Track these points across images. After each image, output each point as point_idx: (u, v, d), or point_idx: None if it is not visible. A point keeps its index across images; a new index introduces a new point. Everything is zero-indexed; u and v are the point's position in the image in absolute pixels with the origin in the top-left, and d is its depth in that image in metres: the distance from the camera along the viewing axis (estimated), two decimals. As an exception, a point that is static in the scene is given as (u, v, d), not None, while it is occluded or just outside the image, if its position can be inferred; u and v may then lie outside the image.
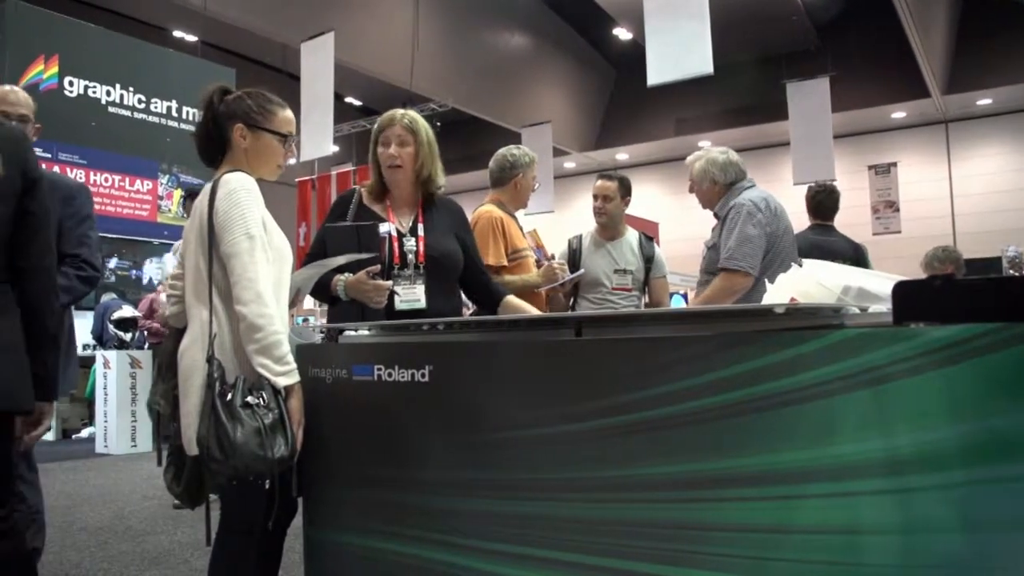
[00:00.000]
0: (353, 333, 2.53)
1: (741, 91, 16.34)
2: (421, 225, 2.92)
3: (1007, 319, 1.36)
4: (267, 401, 2.05)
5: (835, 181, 13.14)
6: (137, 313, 8.94)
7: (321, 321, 10.21)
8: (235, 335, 2.13)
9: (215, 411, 2.01)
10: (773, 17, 15.16)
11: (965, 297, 1.47)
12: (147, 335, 8.83)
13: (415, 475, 2.15)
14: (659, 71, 8.74)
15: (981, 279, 1.48)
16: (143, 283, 10.88)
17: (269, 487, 2.07)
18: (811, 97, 13.40)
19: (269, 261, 2.17)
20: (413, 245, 2.87)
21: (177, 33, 15.29)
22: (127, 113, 11.07)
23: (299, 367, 2.17)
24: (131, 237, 10.92)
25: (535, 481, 1.91)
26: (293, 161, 2.48)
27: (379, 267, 2.69)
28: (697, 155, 3.93)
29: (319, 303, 2.89)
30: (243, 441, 1.98)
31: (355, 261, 2.65)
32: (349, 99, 19.14)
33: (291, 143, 2.42)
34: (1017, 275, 7.46)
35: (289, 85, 12.97)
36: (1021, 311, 1.37)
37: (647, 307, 4.34)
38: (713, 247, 3.75)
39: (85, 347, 9.74)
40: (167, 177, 11.42)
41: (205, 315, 2.17)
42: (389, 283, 2.72)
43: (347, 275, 2.72)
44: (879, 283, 1.88)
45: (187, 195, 6.84)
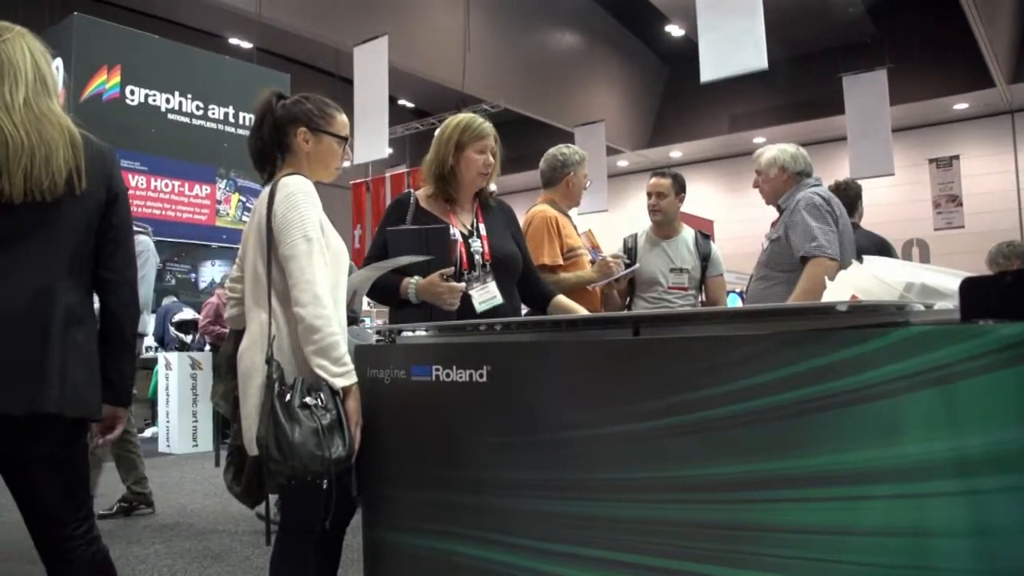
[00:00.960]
0: (410, 334, 2.54)
1: (796, 86, 16.11)
2: (482, 225, 2.96)
3: (1081, 315, 1.31)
4: (325, 402, 2.07)
5: (893, 175, 13.01)
6: (197, 316, 9.10)
7: (378, 322, 10.30)
8: (293, 337, 2.16)
9: (274, 412, 2.04)
10: (828, 9, 14.92)
11: (1036, 293, 1.43)
12: (212, 338, 9.00)
13: (473, 475, 2.15)
14: (712, 67, 8.66)
15: (1053, 274, 1.43)
16: (200, 286, 11.07)
17: (327, 487, 2.08)
18: (868, 90, 13.12)
19: (327, 263, 2.19)
20: (479, 246, 2.90)
21: (233, 40, 15.56)
22: (185, 120, 11.30)
23: (357, 368, 2.19)
24: (190, 241, 11.14)
25: (593, 481, 1.90)
26: (347, 164, 2.51)
27: (452, 269, 2.69)
28: (767, 147, 3.93)
29: (373, 305, 2.90)
30: (301, 441, 2.00)
31: (414, 264, 2.65)
32: (402, 101, 19.28)
33: (347, 146, 2.45)
34: (1087, 269, 7.20)
35: (342, 89, 13.12)
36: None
37: (704, 306, 4.29)
38: (776, 240, 3.70)
39: (147, 349, 9.96)
40: (225, 181, 11.63)
41: (264, 317, 2.20)
42: (463, 284, 2.72)
43: (416, 278, 2.72)
44: (944, 279, 1.83)
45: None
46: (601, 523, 1.87)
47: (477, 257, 2.87)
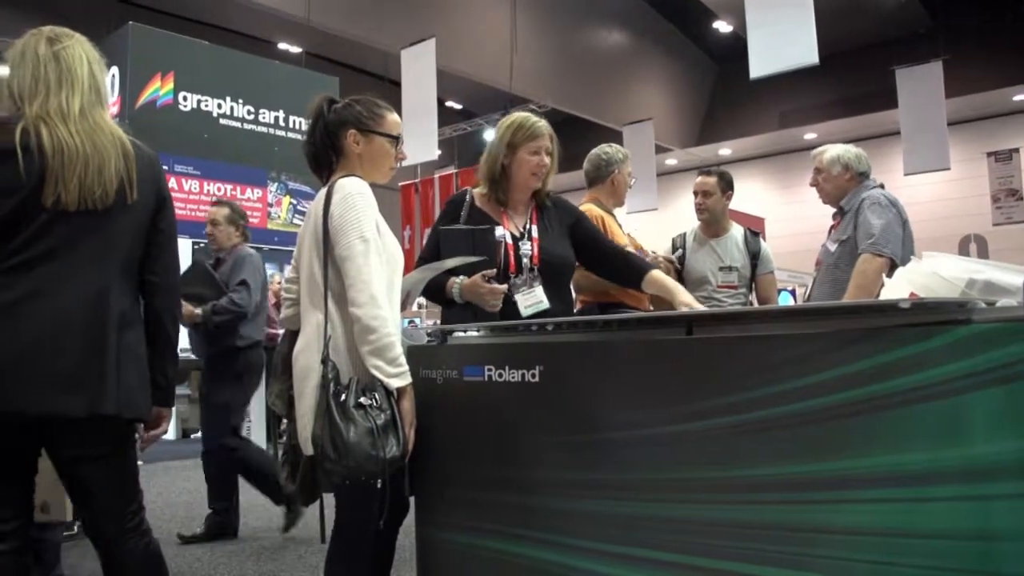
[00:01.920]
0: (462, 334, 2.55)
1: (847, 80, 15.82)
2: (535, 227, 2.93)
3: None
4: (380, 402, 2.09)
5: (949, 169, 12.73)
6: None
7: (428, 323, 10.35)
8: (349, 337, 2.18)
9: (329, 411, 2.06)
10: (880, 1, 14.64)
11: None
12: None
13: (525, 475, 2.15)
14: (762, 63, 8.55)
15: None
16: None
17: (381, 487, 2.10)
18: (923, 83, 12.84)
19: (383, 264, 2.21)
20: (528, 249, 2.87)
21: (282, 45, 15.77)
22: (237, 124, 11.44)
23: (411, 368, 2.20)
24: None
25: (646, 481, 1.89)
26: (404, 163, 2.53)
27: (495, 271, 2.69)
28: (827, 146, 3.89)
29: (426, 306, 2.91)
30: (356, 441, 2.02)
31: (467, 264, 2.66)
32: (449, 103, 19.36)
33: (401, 145, 2.47)
34: None
35: (391, 91, 13.21)
36: None
37: (755, 304, 4.24)
38: (845, 241, 3.66)
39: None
40: (276, 185, 11.76)
41: (320, 317, 2.22)
42: (504, 287, 2.70)
43: (462, 278, 2.73)
44: (1006, 275, 1.79)
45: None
46: (654, 524, 1.87)
47: (525, 261, 2.85)
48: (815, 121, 17.16)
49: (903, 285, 1.95)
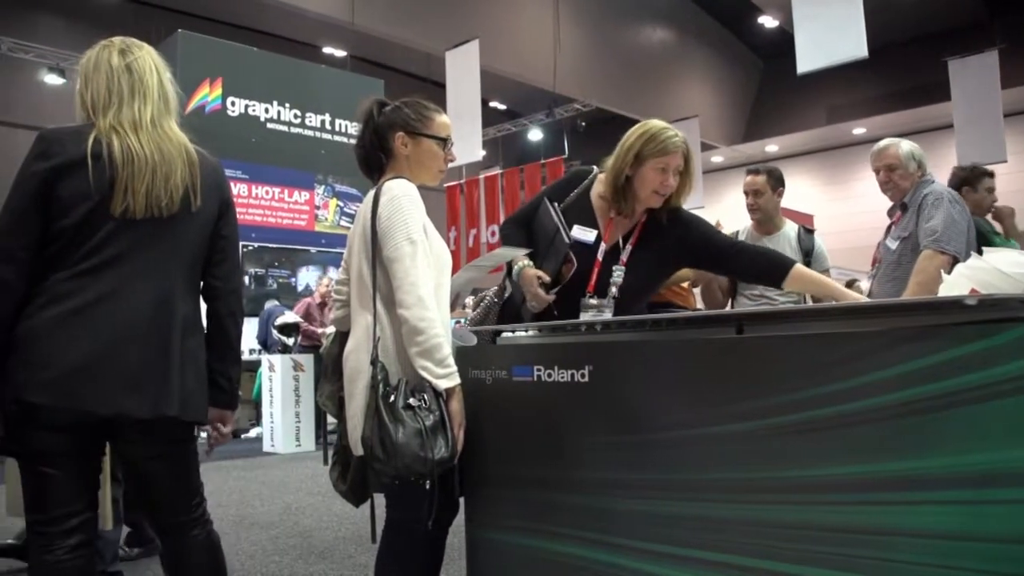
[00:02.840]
0: (510, 334, 2.54)
1: (897, 72, 15.58)
2: (631, 248, 2.69)
3: None
4: (428, 403, 2.09)
5: (1006, 162, 12.42)
6: (299, 319, 9.33)
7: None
8: (398, 338, 2.19)
9: (378, 413, 2.07)
10: (931, -8, 14.37)
11: None
12: (303, 338, 9.23)
13: (575, 475, 2.14)
14: (810, 58, 8.45)
15: None
16: (298, 290, 11.35)
17: (430, 487, 2.11)
18: (977, 74, 12.53)
19: (430, 266, 2.22)
20: (619, 278, 2.63)
21: (327, 49, 15.94)
22: (284, 128, 11.60)
23: (459, 369, 2.20)
24: (290, 246, 11.43)
25: (696, 482, 1.87)
26: (453, 164, 2.53)
27: (549, 279, 2.66)
28: (893, 140, 3.82)
29: (474, 307, 2.88)
30: (404, 442, 2.03)
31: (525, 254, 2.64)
32: (493, 103, 19.40)
33: (450, 146, 2.47)
34: None
35: (435, 93, 13.27)
36: None
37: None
38: (907, 238, 3.59)
39: (251, 351, 10.26)
40: (323, 187, 11.90)
41: (369, 319, 2.23)
42: (551, 297, 2.63)
43: (528, 262, 2.67)
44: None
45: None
46: (705, 524, 1.85)
47: (613, 290, 2.62)
48: (864, 115, 16.91)
49: (963, 282, 1.90)
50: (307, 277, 11.53)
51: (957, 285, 1.91)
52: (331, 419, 4.32)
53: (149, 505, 2.22)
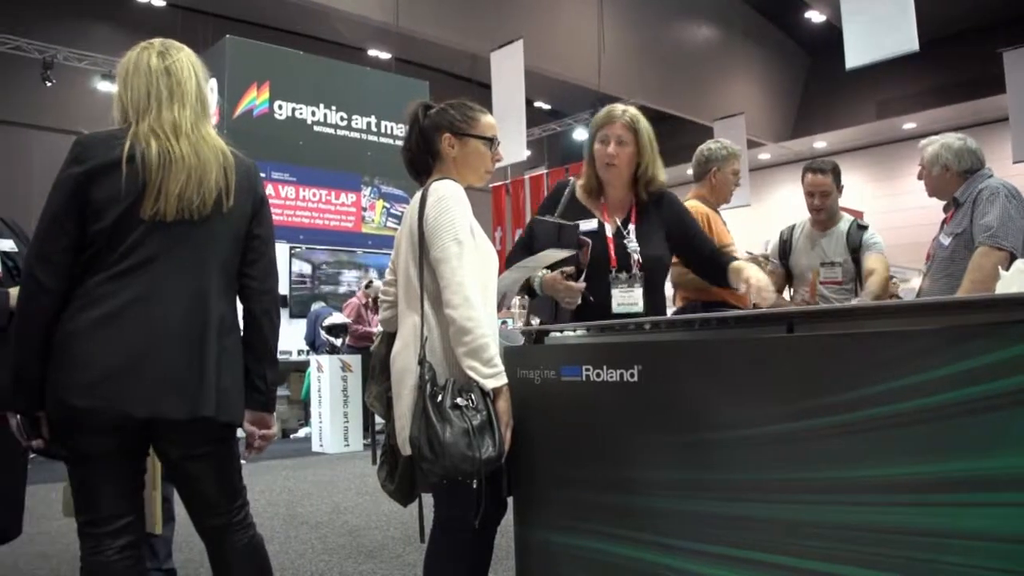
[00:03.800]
0: (559, 334, 2.53)
1: (949, 65, 15.23)
2: (634, 226, 2.83)
3: None
4: (476, 402, 2.10)
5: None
6: (347, 320, 9.41)
7: (519, 324, 10.37)
8: (445, 338, 2.20)
9: (426, 412, 2.08)
10: (984, -18, 14.06)
11: None
12: (352, 339, 9.31)
13: (624, 475, 2.13)
14: (859, 52, 8.32)
15: None
16: (342, 291, 11.46)
17: (477, 486, 2.11)
18: (1034, 65, 12.25)
19: (477, 266, 2.22)
20: (636, 250, 2.77)
21: (372, 52, 16.07)
22: (331, 131, 11.71)
23: (507, 368, 2.20)
24: (338, 247, 11.54)
25: (748, 482, 1.85)
26: (499, 164, 2.53)
27: (573, 269, 2.67)
28: (932, 139, 3.71)
29: (521, 306, 2.90)
30: (452, 441, 2.03)
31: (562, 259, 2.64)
32: (538, 103, 19.40)
33: (496, 146, 2.47)
34: None
35: (479, 93, 13.31)
36: None
37: (864, 285, 4.02)
38: (960, 234, 3.49)
39: (299, 352, 10.38)
40: (369, 189, 12.00)
41: (416, 320, 2.24)
42: (582, 285, 2.67)
43: (544, 271, 2.72)
44: None
45: None
46: (756, 525, 1.83)
47: (636, 257, 2.76)
48: (915, 110, 16.58)
49: (1021, 278, 1.86)
50: (354, 278, 11.65)
51: (1015, 282, 1.87)
52: (379, 419, 4.34)
53: (193, 506, 2.23)
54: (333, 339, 9.45)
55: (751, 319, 2.26)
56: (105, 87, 13.68)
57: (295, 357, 10.41)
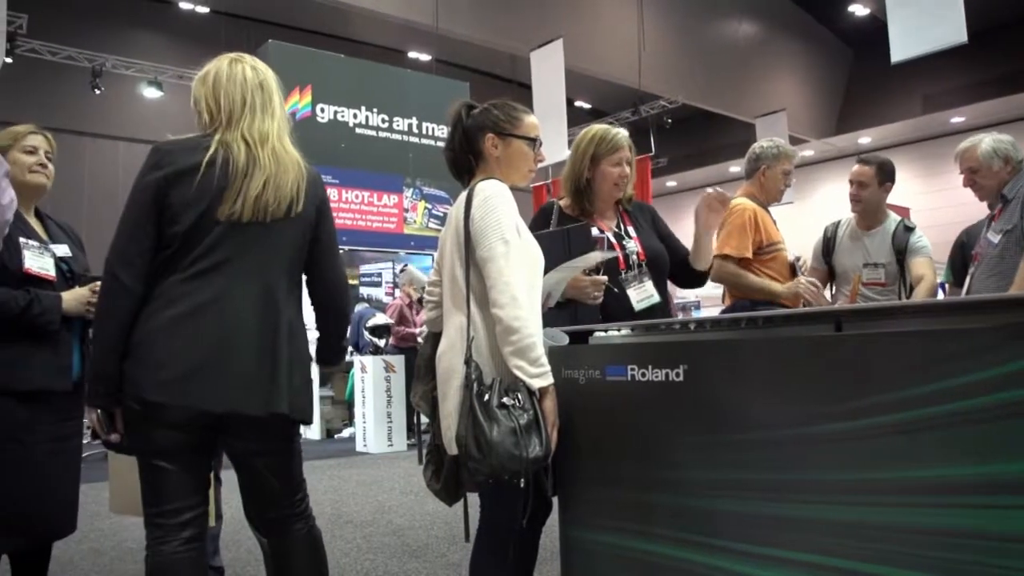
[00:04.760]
0: (604, 334, 2.54)
1: (998, 58, 14.90)
2: (631, 227, 3.04)
3: None
4: (522, 402, 2.10)
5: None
6: (390, 320, 9.47)
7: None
8: (491, 338, 2.20)
9: (473, 412, 2.09)
10: (1035, -28, 13.76)
11: None
12: (395, 339, 9.37)
13: (671, 475, 2.12)
14: (904, 46, 8.17)
15: None
16: (384, 293, 11.54)
17: (524, 486, 2.11)
18: (1086, 57, 11.96)
19: (523, 265, 2.23)
20: (635, 245, 2.97)
21: (412, 54, 16.17)
22: (372, 133, 11.80)
23: (552, 368, 2.20)
24: (380, 249, 11.63)
25: (795, 482, 1.83)
26: (541, 164, 2.55)
27: (594, 264, 2.69)
28: (974, 139, 3.65)
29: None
30: (499, 440, 2.04)
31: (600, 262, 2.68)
32: (579, 103, 19.37)
33: (539, 146, 2.49)
34: None
35: (520, 94, 13.33)
36: None
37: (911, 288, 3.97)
38: (1010, 231, 3.42)
39: (343, 353, 10.44)
40: (411, 190, 12.06)
41: (462, 319, 2.25)
42: (605, 277, 2.74)
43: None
44: None
45: None
46: (803, 526, 1.81)
47: (633, 257, 2.94)
48: (962, 104, 16.24)
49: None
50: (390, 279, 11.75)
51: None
52: (424, 419, 4.38)
53: (256, 500, 2.31)
54: (376, 340, 9.51)
55: (798, 317, 2.24)
56: (151, 93, 13.92)
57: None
